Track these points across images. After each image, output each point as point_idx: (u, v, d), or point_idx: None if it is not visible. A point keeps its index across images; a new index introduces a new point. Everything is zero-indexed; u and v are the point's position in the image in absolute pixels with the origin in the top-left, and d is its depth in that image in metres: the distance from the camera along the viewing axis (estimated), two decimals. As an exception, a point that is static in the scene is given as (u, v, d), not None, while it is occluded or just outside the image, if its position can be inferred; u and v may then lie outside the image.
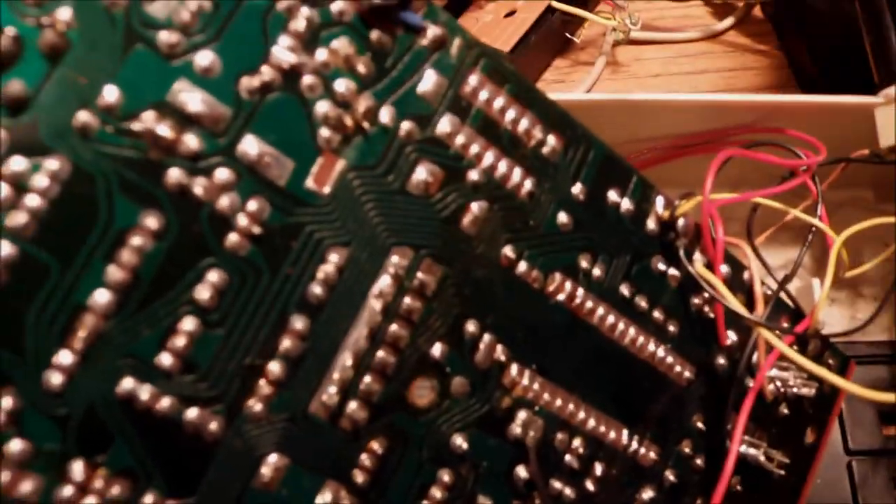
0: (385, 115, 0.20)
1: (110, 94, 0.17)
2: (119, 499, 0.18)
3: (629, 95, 0.28)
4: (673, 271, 0.24)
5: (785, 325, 0.25)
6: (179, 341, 0.18)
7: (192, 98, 0.18)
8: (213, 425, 0.18)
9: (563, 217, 0.22)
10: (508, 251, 0.21)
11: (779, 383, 0.25)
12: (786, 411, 0.26)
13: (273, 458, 0.19)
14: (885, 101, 0.28)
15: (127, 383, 0.18)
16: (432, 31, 0.20)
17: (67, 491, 0.17)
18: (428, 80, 0.20)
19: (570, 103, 0.27)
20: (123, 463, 0.18)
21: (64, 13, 0.17)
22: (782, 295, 0.25)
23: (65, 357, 0.17)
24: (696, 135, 0.28)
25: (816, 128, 0.27)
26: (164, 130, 0.18)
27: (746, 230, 0.26)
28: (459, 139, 0.20)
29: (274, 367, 0.19)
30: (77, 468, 0.17)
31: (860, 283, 0.27)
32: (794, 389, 0.25)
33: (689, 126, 0.28)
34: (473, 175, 0.21)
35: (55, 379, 0.17)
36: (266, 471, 0.19)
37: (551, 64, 0.38)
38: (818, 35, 0.35)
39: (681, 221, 0.23)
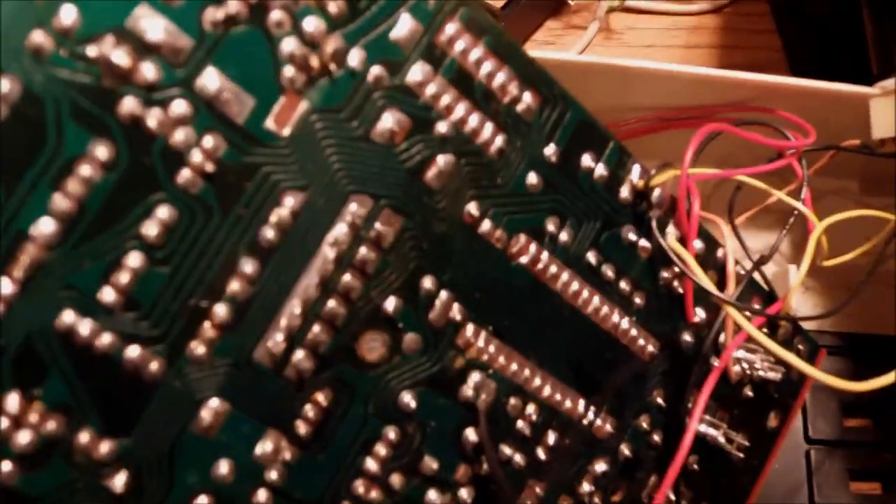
0: (354, 58, 0.19)
1: (67, 15, 0.17)
2: (54, 434, 0.17)
3: (620, 60, 0.27)
4: (644, 243, 0.23)
5: (756, 306, 0.24)
6: (123, 277, 0.17)
7: (152, 25, 0.17)
8: (154, 365, 0.18)
9: (532, 178, 0.21)
10: (472, 208, 0.21)
11: (745, 365, 0.24)
12: (750, 394, 0.25)
13: (214, 402, 0.19)
14: (882, 93, 0.27)
15: (67, 316, 0.17)
16: (410, -27, 0.20)
17: (2, 423, 0.17)
18: (402, 26, 0.20)
19: (557, 63, 0.27)
20: (59, 398, 0.17)
21: (20, -73, 0.16)
22: (756, 276, 0.25)
23: (4, 285, 0.17)
24: (685, 108, 0.27)
25: (808, 113, 0.26)
26: (121, 58, 0.17)
27: (728, 208, 0.25)
28: (430, 89, 0.20)
29: (220, 309, 0.18)
30: (12, 400, 0.17)
31: (837, 274, 0.27)
32: (761, 372, 0.24)
33: (679, 99, 0.28)
34: (442, 127, 0.20)
35: (-7, 306, 0.17)
36: (206, 415, 0.18)
37: (543, 24, 0.37)
38: (816, 20, 0.34)
39: (656, 192, 0.23)
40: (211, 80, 0.18)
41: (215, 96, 0.18)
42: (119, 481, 0.18)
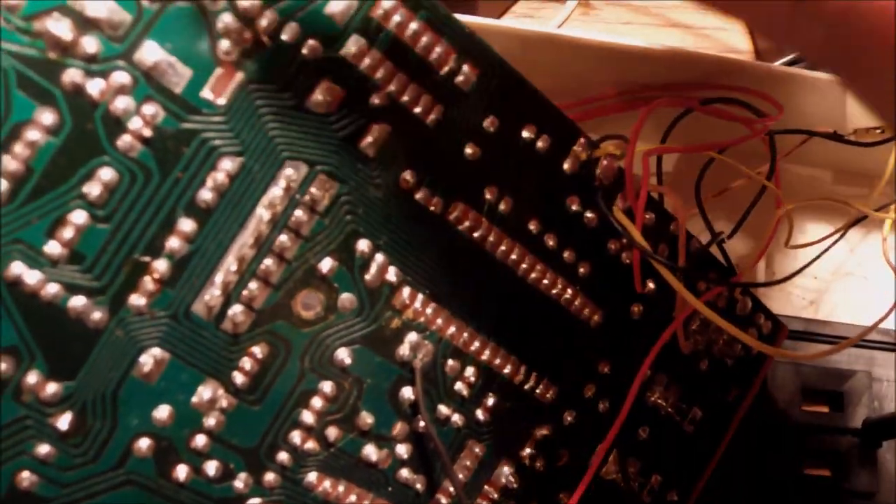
0: (288, 32, 0.20)
1: (14, -6, 0.18)
2: (2, 375, 0.19)
3: (595, 35, 0.27)
4: (589, 214, 0.23)
5: (712, 278, 0.24)
6: (67, 232, 0.19)
7: (93, 4, 0.19)
8: (97, 314, 0.19)
9: (470, 148, 0.22)
10: (408, 176, 0.22)
11: (699, 338, 0.24)
12: (705, 367, 0.25)
13: (155, 351, 0.20)
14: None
15: (16, 267, 0.19)
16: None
17: (-45, 362, 0.19)
18: (337, 1, 0.21)
19: (534, 36, 0.27)
20: (8, 341, 0.19)
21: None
22: (716, 252, 0.25)
23: (-44, 238, 0.19)
24: (659, 86, 0.28)
25: (782, 99, 0.26)
26: (64, 32, 0.19)
27: (695, 185, 0.25)
28: (366, 61, 0.21)
29: (159, 264, 0.20)
30: (-37, 341, 0.19)
31: (800, 259, 0.26)
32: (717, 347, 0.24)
33: (653, 77, 0.28)
34: (376, 98, 0.21)
35: (-56, 258, 0.18)
36: (146, 363, 0.20)
37: (522, -3, 0.37)
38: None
39: (603, 163, 0.23)
40: (149, 52, 0.19)
41: (153, 67, 0.19)
42: (64, 421, 0.19)
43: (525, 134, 0.23)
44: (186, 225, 0.20)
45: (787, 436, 0.27)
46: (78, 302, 0.19)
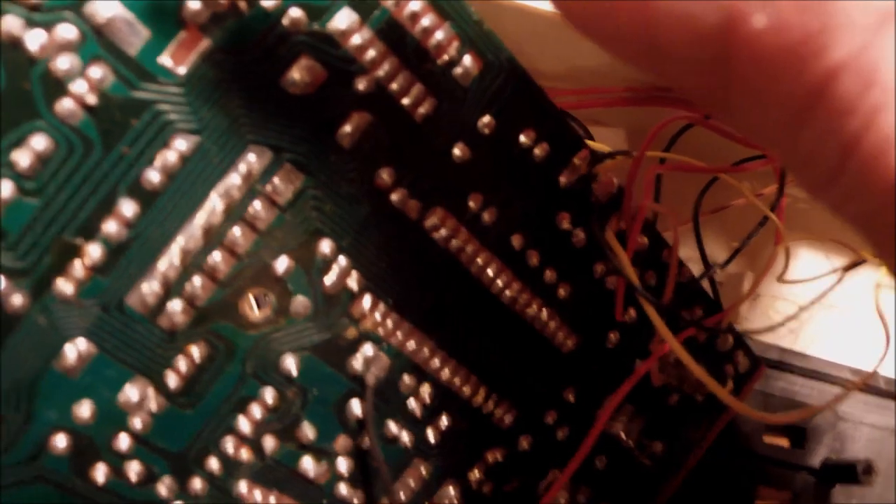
0: (269, -4, 0.17)
1: (-57, -85, 0.15)
2: None
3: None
4: (578, 232, 0.21)
5: (698, 313, 0.23)
6: (-11, 204, 0.17)
7: (40, -63, 0.16)
8: (17, 298, 0.17)
9: (460, 149, 0.20)
10: (385, 174, 0.19)
11: (672, 371, 0.23)
12: (674, 402, 0.24)
13: (80, 342, 0.18)
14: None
15: (-78, 237, 0.16)
16: None
17: None
18: (330, -34, 0.18)
19: (543, 14, 0.25)
20: (-89, 320, 0.17)
21: None
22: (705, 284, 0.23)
23: None
24: (664, 89, 0.25)
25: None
26: (2, -31, 0.16)
27: (694, 205, 0.23)
28: (355, 39, 0.18)
29: (92, 249, 0.17)
30: None
31: (795, 294, 0.25)
32: (688, 383, 0.23)
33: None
34: (362, 83, 0.18)
35: None
36: (69, 354, 0.18)
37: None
38: None
39: (601, 179, 0.21)
40: (104, 5, 0.16)
41: (106, 23, 0.16)
42: (-26, 408, 0.17)
43: (522, 139, 0.20)
44: (128, 207, 0.17)
45: (745, 465, 0.26)
46: (-4, 282, 0.17)
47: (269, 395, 0.19)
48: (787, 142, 0.14)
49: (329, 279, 0.19)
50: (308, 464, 0.20)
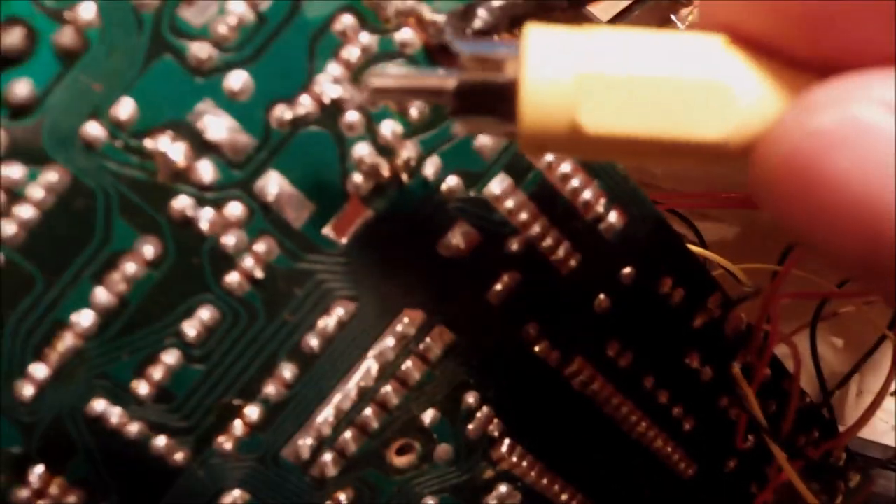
0: (430, 166, 0.18)
1: (125, 106, 0.15)
2: (72, 509, 0.17)
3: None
4: (707, 370, 0.22)
5: (815, 437, 0.23)
6: (157, 372, 0.17)
7: (214, 122, 0.16)
8: (179, 455, 0.18)
9: (601, 299, 0.20)
10: (531, 329, 0.19)
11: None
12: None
13: (235, 492, 0.18)
14: None
15: (98, 404, 0.17)
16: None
17: (23, 493, 0.17)
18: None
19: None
20: (81, 475, 0.17)
21: (87, 10, 0.15)
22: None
23: (38, 370, 0.16)
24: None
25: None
26: (178, 154, 0.16)
27: (810, 326, 0.23)
28: (508, 203, 0.18)
29: (252, 410, 0.18)
30: (36, 473, 0.17)
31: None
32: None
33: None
34: (513, 244, 0.19)
35: (26, 391, 0.16)
36: (226, 503, 0.18)
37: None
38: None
39: (731, 318, 0.21)
40: (271, 183, 0.17)
41: (274, 200, 0.17)
42: (133, 558, 0.18)
43: (662, 288, 0.20)
44: (287, 371, 0.18)
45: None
46: (161, 442, 0.18)
47: (409, 533, 0.20)
48: None
49: (472, 428, 0.20)
50: None
